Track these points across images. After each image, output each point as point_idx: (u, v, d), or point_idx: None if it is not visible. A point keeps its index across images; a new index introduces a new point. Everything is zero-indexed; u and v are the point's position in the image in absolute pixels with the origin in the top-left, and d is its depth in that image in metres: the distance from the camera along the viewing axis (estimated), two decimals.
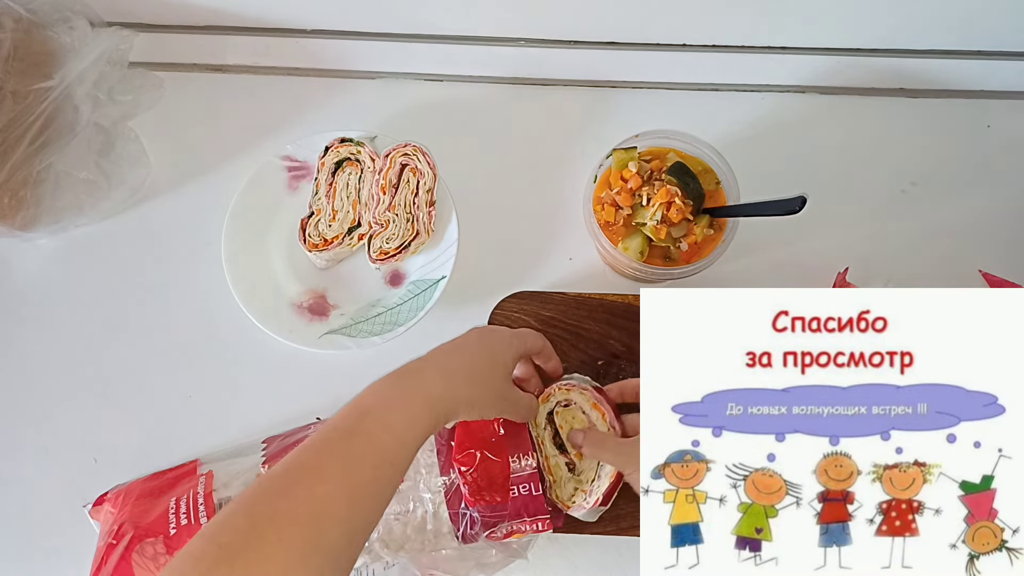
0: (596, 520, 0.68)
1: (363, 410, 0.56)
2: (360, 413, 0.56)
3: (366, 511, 0.52)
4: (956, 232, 0.80)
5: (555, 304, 0.76)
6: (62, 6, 0.75)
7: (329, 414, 0.75)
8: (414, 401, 0.57)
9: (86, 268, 0.81)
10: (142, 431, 0.77)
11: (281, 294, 0.77)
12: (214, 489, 0.68)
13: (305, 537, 0.47)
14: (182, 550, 0.47)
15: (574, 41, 0.81)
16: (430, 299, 0.75)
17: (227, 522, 0.48)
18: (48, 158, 0.72)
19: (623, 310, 0.76)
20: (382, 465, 0.53)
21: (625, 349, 0.75)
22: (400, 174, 0.76)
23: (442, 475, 0.67)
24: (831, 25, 0.78)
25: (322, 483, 0.50)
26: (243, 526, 0.48)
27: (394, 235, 0.75)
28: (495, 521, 0.66)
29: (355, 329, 0.76)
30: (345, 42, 0.82)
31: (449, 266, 0.75)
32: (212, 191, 0.82)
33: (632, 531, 0.71)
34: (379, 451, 0.53)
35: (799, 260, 0.79)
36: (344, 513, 0.50)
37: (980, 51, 0.80)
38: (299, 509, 0.49)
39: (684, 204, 0.70)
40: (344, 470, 0.52)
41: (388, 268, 0.78)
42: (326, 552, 0.48)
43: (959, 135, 0.83)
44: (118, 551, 0.65)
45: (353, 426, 0.55)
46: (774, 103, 0.84)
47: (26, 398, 0.78)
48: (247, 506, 0.49)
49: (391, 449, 0.54)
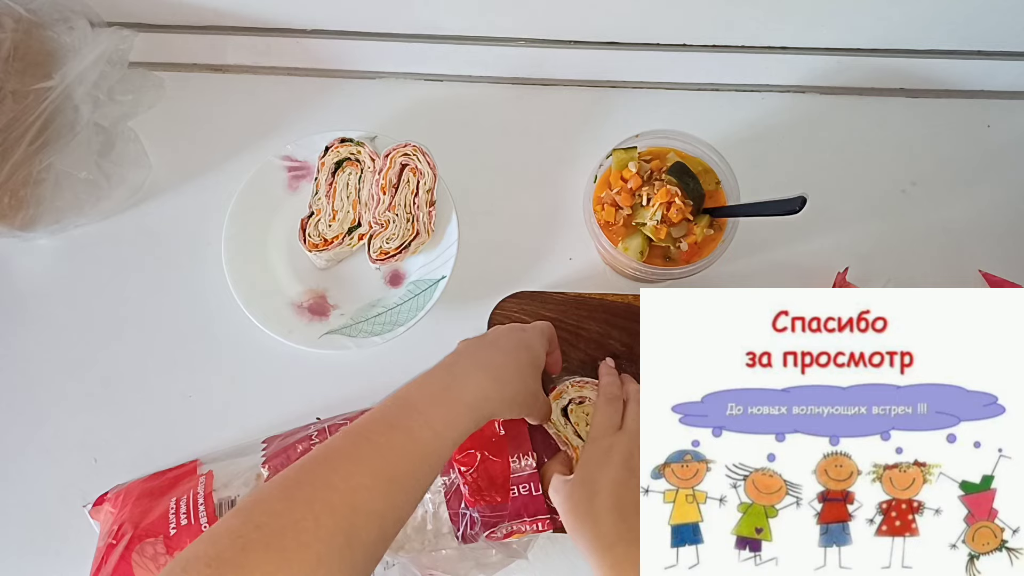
0: None
1: (406, 404, 0.56)
2: (403, 407, 0.56)
3: (400, 506, 0.52)
4: (956, 232, 0.80)
5: (555, 304, 0.76)
6: (62, 6, 0.75)
7: (329, 414, 0.75)
8: (458, 400, 0.57)
9: (86, 268, 0.81)
10: (142, 431, 0.76)
11: (281, 294, 0.77)
12: (214, 489, 0.68)
13: (342, 529, 0.47)
14: (217, 524, 0.47)
15: (574, 41, 0.81)
16: (430, 299, 0.75)
17: (265, 503, 0.48)
18: (48, 158, 0.72)
19: (623, 310, 0.76)
20: (420, 461, 0.53)
21: (625, 349, 0.75)
22: (400, 174, 0.76)
23: (442, 475, 0.68)
24: (831, 25, 0.78)
25: (360, 474, 0.50)
26: (280, 509, 0.47)
27: (394, 235, 0.75)
28: (495, 521, 0.66)
29: (355, 329, 0.76)
30: (345, 42, 0.82)
31: (449, 266, 0.75)
32: (212, 191, 0.82)
33: None
34: (418, 447, 0.53)
35: (799, 260, 0.79)
36: (380, 507, 0.50)
37: (980, 51, 0.80)
38: (336, 499, 0.48)
39: (684, 204, 0.70)
40: (383, 463, 0.51)
41: (388, 268, 0.78)
42: (360, 546, 0.48)
43: (959, 135, 0.83)
44: (118, 551, 0.65)
45: (395, 419, 0.54)
46: (774, 103, 0.84)
47: (26, 398, 0.78)
48: (286, 489, 0.49)
49: (430, 446, 0.54)
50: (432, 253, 0.77)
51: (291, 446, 0.70)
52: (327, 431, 0.71)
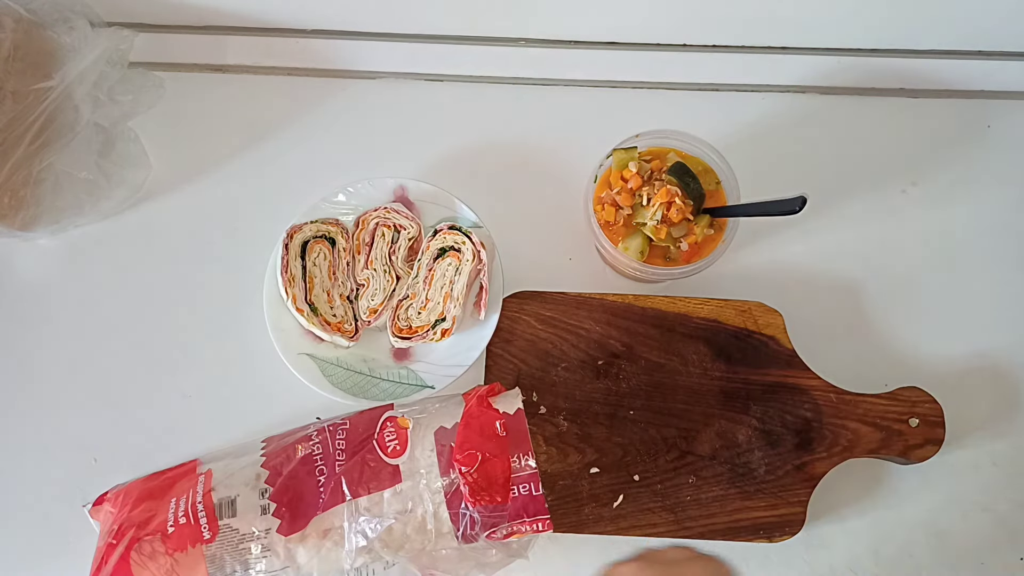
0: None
1: None
2: None
3: None
4: (956, 232, 0.80)
5: (555, 304, 0.76)
6: (62, 6, 0.75)
7: (329, 414, 0.75)
8: None
9: (86, 268, 0.81)
10: (142, 431, 0.76)
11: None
12: (212, 488, 0.68)
13: None
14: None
15: (574, 41, 0.81)
16: (401, 396, 0.73)
17: None
18: (48, 158, 0.72)
19: (623, 310, 0.76)
20: None
21: (625, 349, 0.75)
22: (375, 232, 0.76)
23: (442, 475, 0.67)
24: (831, 25, 0.78)
25: None
26: None
27: (377, 290, 0.75)
28: (495, 521, 0.66)
29: (331, 369, 0.74)
30: (345, 42, 0.82)
31: (444, 383, 0.74)
32: (212, 191, 0.82)
33: (632, 531, 0.71)
34: None
35: (799, 260, 0.79)
36: None
37: (980, 51, 0.80)
38: None
39: (684, 204, 0.70)
40: None
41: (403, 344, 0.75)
42: None
43: (959, 135, 0.83)
44: (118, 551, 0.65)
45: None
46: (774, 103, 0.84)
47: (26, 398, 0.78)
48: None
49: None
50: (448, 358, 0.75)
51: (291, 446, 0.70)
52: (327, 431, 0.70)
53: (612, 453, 0.72)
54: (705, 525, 0.71)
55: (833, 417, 0.72)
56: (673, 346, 0.75)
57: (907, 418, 0.72)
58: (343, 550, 0.65)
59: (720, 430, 0.72)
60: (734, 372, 0.74)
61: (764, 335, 0.74)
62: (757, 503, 0.71)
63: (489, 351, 0.75)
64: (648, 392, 0.74)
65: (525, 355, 0.75)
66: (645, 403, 0.73)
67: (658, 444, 0.72)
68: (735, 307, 0.75)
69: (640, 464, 0.72)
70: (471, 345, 0.74)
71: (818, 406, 0.72)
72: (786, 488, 0.71)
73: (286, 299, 0.73)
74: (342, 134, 0.83)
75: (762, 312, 0.74)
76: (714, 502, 0.71)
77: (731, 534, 0.70)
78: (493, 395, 0.70)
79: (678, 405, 0.73)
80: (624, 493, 0.71)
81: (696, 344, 0.74)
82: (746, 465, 0.72)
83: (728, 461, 0.72)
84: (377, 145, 0.83)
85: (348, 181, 0.78)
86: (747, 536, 0.70)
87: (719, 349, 0.74)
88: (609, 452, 0.72)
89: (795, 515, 0.70)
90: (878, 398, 0.72)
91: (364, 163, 0.81)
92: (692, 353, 0.74)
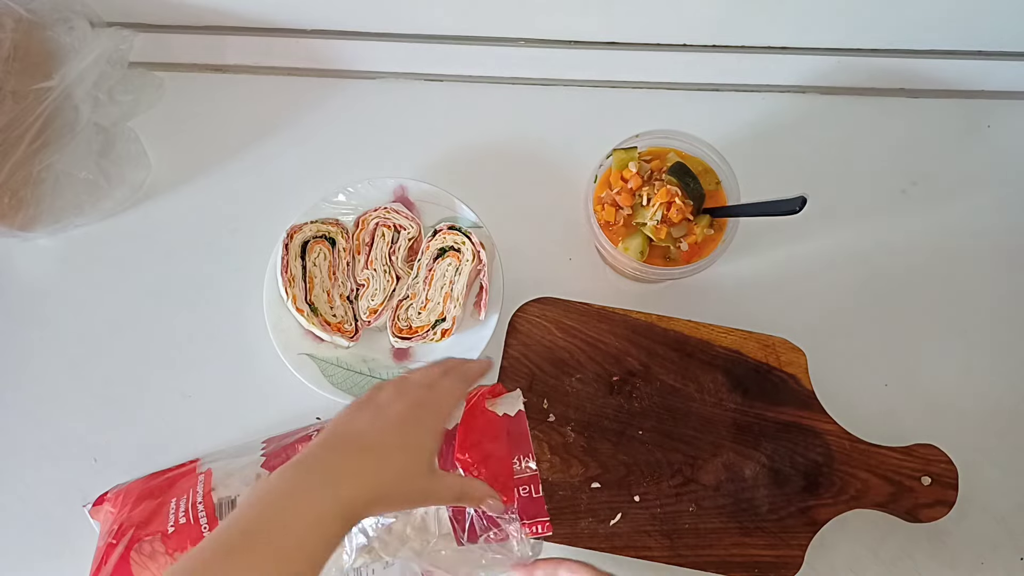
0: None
1: (247, 528, 0.48)
2: (244, 531, 0.48)
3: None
4: (956, 232, 0.80)
5: (578, 314, 0.75)
6: (62, 6, 0.75)
7: (328, 414, 0.75)
8: (304, 516, 0.49)
9: (86, 268, 0.81)
10: (142, 431, 0.76)
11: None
12: (212, 488, 0.68)
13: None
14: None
15: (574, 41, 0.81)
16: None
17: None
18: (48, 158, 0.72)
19: (645, 329, 0.74)
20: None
21: (642, 368, 0.73)
22: (374, 232, 0.76)
23: None
24: (831, 25, 0.78)
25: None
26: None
27: (377, 290, 0.75)
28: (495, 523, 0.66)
29: (331, 369, 0.74)
30: (345, 42, 0.82)
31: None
32: (212, 191, 0.82)
33: (626, 551, 0.70)
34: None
35: (799, 260, 0.79)
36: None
37: (980, 51, 0.80)
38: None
39: (684, 204, 0.70)
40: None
41: (402, 344, 0.75)
42: None
43: (959, 135, 0.83)
44: (118, 551, 0.65)
45: (234, 545, 0.47)
46: (774, 103, 0.84)
47: (26, 398, 0.78)
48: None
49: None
50: (445, 355, 0.73)
51: (291, 446, 0.70)
52: None
53: (616, 470, 0.71)
54: (700, 555, 0.69)
55: (844, 464, 0.70)
56: (691, 371, 0.73)
57: (920, 475, 0.70)
58: (343, 550, 0.65)
59: (727, 462, 0.71)
60: (749, 406, 0.72)
61: (785, 372, 0.73)
62: (756, 540, 0.69)
63: (506, 352, 0.74)
64: (660, 414, 0.73)
65: (542, 361, 0.74)
66: (655, 425, 0.72)
67: (663, 468, 0.71)
68: (759, 340, 0.73)
69: (642, 485, 0.71)
70: (471, 345, 0.74)
71: (830, 451, 0.71)
72: (787, 529, 0.69)
73: (286, 299, 0.73)
74: (342, 134, 0.83)
75: (786, 349, 0.73)
76: (712, 533, 0.70)
77: (725, 568, 0.69)
78: (495, 396, 0.70)
79: (688, 431, 0.72)
80: (623, 512, 0.71)
81: (714, 372, 0.73)
82: (749, 501, 0.70)
83: (732, 494, 0.70)
84: (377, 145, 0.83)
85: (348, 181, 0.78)
86: (741, 572, 0.69)
87: (737, 381, 0.73)
88: (613, 469, 0.71)
89: (793, 558, 0.69)
90: (892, 451, 0.70)
91: (364, 163, 0.81)
92: (709, 381, 0.73)
